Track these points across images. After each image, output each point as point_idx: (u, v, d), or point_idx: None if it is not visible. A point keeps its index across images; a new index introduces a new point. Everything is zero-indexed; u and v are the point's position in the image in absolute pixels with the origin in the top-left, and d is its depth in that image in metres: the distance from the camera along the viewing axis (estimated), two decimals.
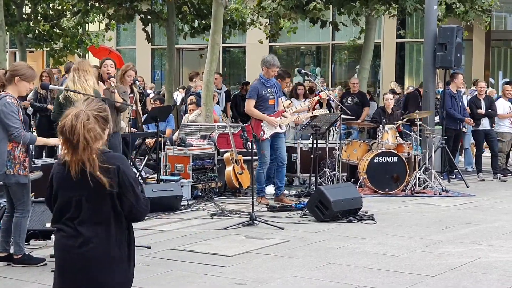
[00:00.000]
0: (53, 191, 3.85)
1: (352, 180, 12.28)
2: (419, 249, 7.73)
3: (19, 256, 6.91)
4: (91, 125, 3.65)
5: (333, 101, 14.43)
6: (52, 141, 6.92)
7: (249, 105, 10.38)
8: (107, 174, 3.68)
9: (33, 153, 9.06)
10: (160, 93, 18.94)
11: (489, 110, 13.94)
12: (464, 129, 14.32)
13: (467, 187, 12.47)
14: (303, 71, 11.28)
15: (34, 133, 8.05)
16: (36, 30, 19.70)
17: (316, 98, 11.60)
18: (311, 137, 11.18)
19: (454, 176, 13.51)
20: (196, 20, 18.64)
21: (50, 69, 15.18)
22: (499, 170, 13.97)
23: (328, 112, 11.44)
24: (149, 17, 18.42)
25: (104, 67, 9.19)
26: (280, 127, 10.49)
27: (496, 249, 7.83)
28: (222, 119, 12.24)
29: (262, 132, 10.27)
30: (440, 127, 13.60)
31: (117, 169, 3.73)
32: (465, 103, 14.39)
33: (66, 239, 3.79)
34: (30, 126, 11.61)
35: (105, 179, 3.66)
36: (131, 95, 9.93)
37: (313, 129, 10.52)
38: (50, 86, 7.50)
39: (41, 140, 6.93)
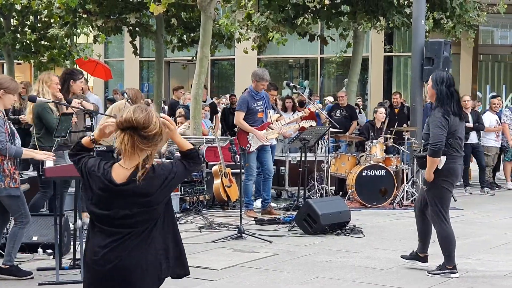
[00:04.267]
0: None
1: (340, 193, 12.29)
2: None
3: (7, 267, 6.88)
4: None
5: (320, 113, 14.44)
6: (39, 155, 6.88)
7: (239, 117, 10.41)
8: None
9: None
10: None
11: (477, 124, 14.00)
12: None
13: (455, 200, 12.45)
14: (291, 84, 11.30)
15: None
16: (24, 42, 19.64)
17: (303, 113, 11.60)
18: (300, 150, 11.20)
19: None
20: (184, 34, 18.64)
21: (28, 81, 15.12)
22: (487, 184, 14.03)
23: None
24: (137, 29, 18.42)
25: (81, 83, 9.17)
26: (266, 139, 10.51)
27: (483, 263, 7.85)
28: (211, 133, 12.24)
29: (248, 145, 10.29)
30: None
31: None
32: None
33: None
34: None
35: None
36: None
37: (302, 142, 10.54)
38: (38, 98, 7.48)
39: (27, 154, 6.88)
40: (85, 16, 17.45)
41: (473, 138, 14.01)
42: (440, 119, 6.96)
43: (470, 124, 13.95)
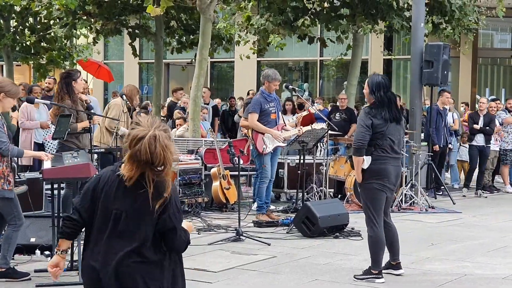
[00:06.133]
0: (89, 197, 3.74)
1: (339, 196, 12.28)
2: (405, 265, 7.68)
3: (3, 269, 6.88)
4: (172, 148, 3.59)
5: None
6: (39, 153, 6.90)
7: (252, 119, 10.32)
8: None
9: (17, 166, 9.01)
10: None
11: (487, 128, 13.94)
12: (450, 145, 14.39)
13: (453, 203, 12.50)
14: (290, 86, 11.27)
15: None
16: (23, 44, 19.62)
17: (305, 113, 11.62)
18: (299, 152, 11.18)
19: (440, 193, 13.54)
20: (184, 36, 18.64)
21: (26, 83, 15.13)
22: (481, 187, 14.02)
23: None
24: (137, 31, 18.42)
25: (81, 81, 9.13)
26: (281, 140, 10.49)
27: (481, 266, 7.85)
28: (210, 135, 12.23)
29: (264, 146, 10.26)
30: (426, 143, 13.66)
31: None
32: (451, 120, 14.49)
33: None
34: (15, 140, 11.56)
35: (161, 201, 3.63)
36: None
37: (300, 144, 10.53)
38: (36, 100, 7.48)
39: (28, 153, 6.91)
40: (84, 17, 17.43)
41: (480, 140, 13.97)
42: (364, 119, 7.01)
43: (478, 126, 13.93)
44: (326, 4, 15.35)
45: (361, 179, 7.06)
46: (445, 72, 12.80)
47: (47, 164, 6.63)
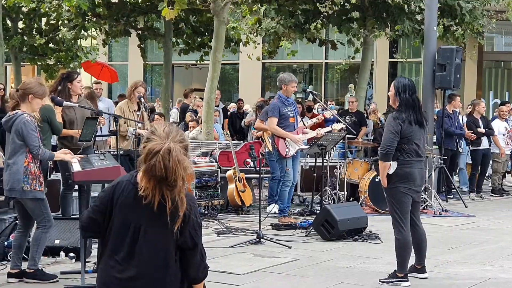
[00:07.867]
0: (107, 207, 3.55)
1: (352, 199, 12.32)
2: (428, 269, 7.69)
3: (32, 271, 6.90)
4: (186, 163, 3.41)
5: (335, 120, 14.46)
6: (67, 157, 6.93)
7: (272, 123, 10.33)
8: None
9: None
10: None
11: (487, 129, 14.02)
12: (460, 149, 14.42)
13: (466, 207, 12.53)
14: (308, 90, 11.32)
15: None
16: (31, 45, 19.63)
17: (320, 117, 11.65)
18: (315, 155, 11.22)
19: (451, 196, 13.58)
20: (193, 37, 18.65)
21: None
22: (481, 190, 14.11)
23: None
24: (146, 33, 18.43)
25: (78, 82, 9.14)
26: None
27: (504, 270, 7.87)
28: (226, 138, 12.25)
29: (287, 150, 10.29)
30: (437, 146, 13.69)
31: (188, 208, 3.51)
32: (461, 123, 14.53)
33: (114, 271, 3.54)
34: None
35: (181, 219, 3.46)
36: (138, 112, 9.91)
37: (319, 148, 10.55)
38: (64, 102, 7.49)
39: (59, 156, 6.95)
40: (94, 19, 17.44)
41: (485, 143, 14.02)
42: (393, 124, 7.03)
43: (482, 130, 13.97)
44: (336, 7, 15.37)
45: (386, 184, 7.11)
46: (458, 75, 12.82)
47: (76, 167, 6.65)
